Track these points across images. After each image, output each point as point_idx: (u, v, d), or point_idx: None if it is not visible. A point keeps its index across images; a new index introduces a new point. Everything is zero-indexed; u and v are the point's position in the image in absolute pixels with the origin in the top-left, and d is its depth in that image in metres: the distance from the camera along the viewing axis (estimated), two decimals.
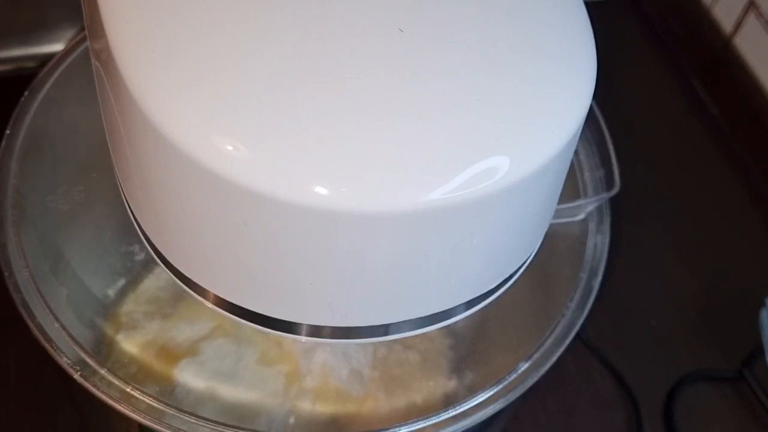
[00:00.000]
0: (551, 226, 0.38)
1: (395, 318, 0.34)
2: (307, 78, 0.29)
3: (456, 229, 0.30)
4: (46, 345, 0.41)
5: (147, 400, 0.40)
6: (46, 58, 0.51)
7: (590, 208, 0.48)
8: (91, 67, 0.36)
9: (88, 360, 0.41)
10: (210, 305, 0.34)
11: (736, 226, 0.66)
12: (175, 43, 0.30)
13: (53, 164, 0.49)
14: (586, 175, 0.50)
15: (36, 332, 0.41)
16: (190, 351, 0.52)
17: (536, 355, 0.43)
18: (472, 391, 0.43)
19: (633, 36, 0.77)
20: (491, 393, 0.42)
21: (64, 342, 0.41)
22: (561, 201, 0.37)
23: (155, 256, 0.35)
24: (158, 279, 0.54)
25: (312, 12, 0.31)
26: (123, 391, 0.40)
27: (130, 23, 0.30)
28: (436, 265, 0.32)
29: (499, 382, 0.43)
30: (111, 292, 0.53)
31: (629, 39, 0.77)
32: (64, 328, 0.42)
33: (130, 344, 0.51)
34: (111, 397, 0.40)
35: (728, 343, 0.58)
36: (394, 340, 0.35)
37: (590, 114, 0.34)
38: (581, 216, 0.48)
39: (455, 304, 0.35)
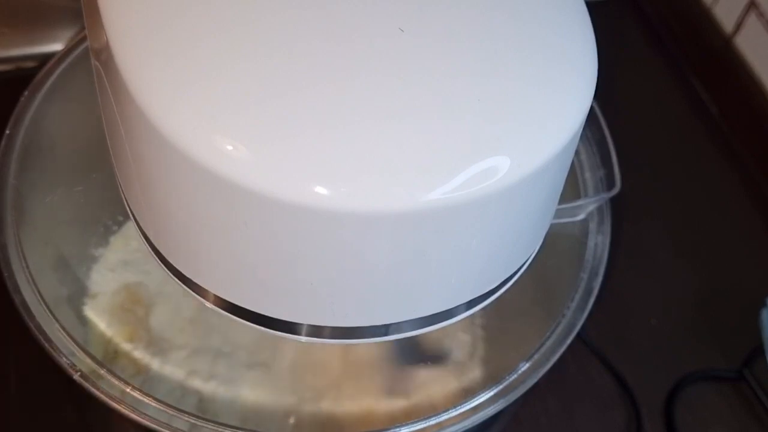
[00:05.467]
0: (551, 226, 0.38)
1: (395, 318, 0.34)
2: (308, 78, 0.29)
3: (456, 229, 0.30)
4: (46, 345, 0.41)
5: (147, 401, 0.40)
6: (46, 58, 0.50)
7: (590, 208, 0.48)
8: (91, 67, 0.36)
9: (88, 360, 0.41)
10: (210, 305, 0.34)
11: (736, 226, 0.65)
12: (175, 44, 0.30)
13: (53, 164, 0.49)
14: (587, 175, 0.50)
15: (36, 332, 0.41)
16: (192, 351, 0.52)
17: (536, 355, 0.43)
18: (472, 392, 0.43)
19: (633, 36, 0.77)
20: (491, 393, 0.42)
21: (64, 342, 0.41)
22: (561, 201, 0.37)
23: (155, 257, 0.35)
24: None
25: (312, 12, 0.31)
26: (123, 391, 0.40)
27: (130, 23, 0.30)
28: (436, 265, 0.32)
29: (499, 382, 0.43)
30: (111, 293, 0.53)
31: (629, 39, 0.76)
32: (64, 328, 0.42)
33: (128, 344, 0.51)
34: (111, 397, 0.40)
35: (728, 343, 0.58)
36: (393, 341, 0.35)
37: (591, 114, 0.34)
38: (581, 216, 0.48)
39: (455, 304, 0.35)
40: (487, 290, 0.35)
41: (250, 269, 0.32)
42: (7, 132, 0.47)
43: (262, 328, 0.34)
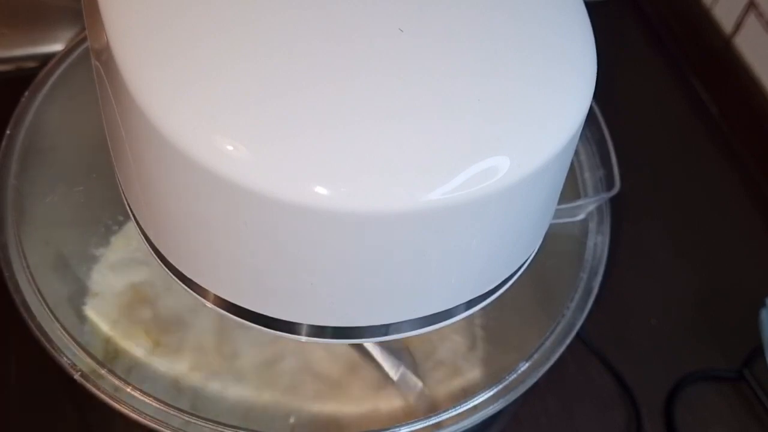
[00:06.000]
0: (551, 226, 0.38)
1: (395, 318, 0.34)
2: (307, 78, 0.29)
3: (456, 229, 0.30)
4: (46, 345, 0.41)
5: (147, 400, 0.40)
6: (46, 58, 0.51)
7: (590, 208, 0.48)
8: (91, 67, 0.36)
9: (88, 360, 0.41)
10: (210, 305, 0.34)
11: (736, 226, 0.65)
12: (175, 44, 0.30)
13: (53, 164, 0.49)
14: (586, 175, 0.50)
15: (36, 332, 0.41)
16: (192, 351, 0.52)
17: (536, 355, 0.43)
18: (472, 392, 0.43)
19: (633, 36, 0.77)
20: (491, 393, 0.42)
21: (64, 342, 0.41)
22: (561, 201, 0.37)
23: (155, 256, 0.35)
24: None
25: (312, 12, 0.31)
26: (123, 391, 0.40)
27: (130, 23, 0.30)
28: (436, 265, 0.32)
29: (499, 382, 0.43)
30: (111, 293, 0.53)
31: (629, 39, 0.76)
32: (64, 328, 0.42)
33: (129, 344, 0.51)
34: (111, 397, 0.40)
35: (728, 343, 0.58)
36: (393, 341, 0.35)
37: (590, 114, 0.34)
38: (581, 216, 0.48)
39: (455, 304, 0.35)
40: (487, 290, 0.35)
41: (250, 269, 0.32)
42: (8, 132, 0.47)
43: (262, 328, 0.34)
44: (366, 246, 0.30)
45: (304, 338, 0.34)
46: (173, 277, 0.35)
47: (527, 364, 0.43)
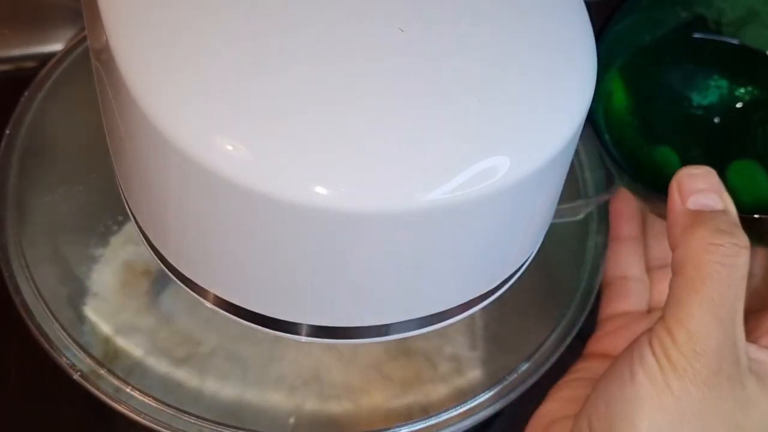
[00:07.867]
0: (551, 226, 0.38)
1: (395, 318, 0.34)
2: (308, 78, 0.29)
3: (455, 229, 0.30)
4: (46, 345, 0.41)
5: (147, 400, 0.40)
6: (46, 58, 0.50)
7: (590, 208, 0.48)
8: (91, 67, 0.36)
9: (88, 360, 0.41)
10: (209, 305, 0.34)
11: None
12: (176, 44, 0.30)
13: (53, 164, 0.49)
14: (587, 175, 0.50)
15: (36, 332, 0.41)
16: (191, 350, 0.52)
17: (536, 355, 0.43)
18: (472, 392, 0.43)
19: None
20: (491, 393, 0.42)
21: (64, 342, 0.41)
22: (561, 201, 0.37)
23: (154, 256, 0.35)
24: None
25: (312, 12, 0.31)
26: (123, 391, 0.40)
27: (130, 23, 0.30)
28: (436, 264, 0.32)
29: (499, 382, 0.43)
30: (112, 293, 0.53)
31: None
32: (64, 328, 0.42)
33: (129, 344, 0.52)
34: (111, 397, 0.40)
35: None
36: (393, 341, 0.35)
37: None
38: (581, 216, 0.48)
39: (455, 304, 0.35)
40: (487, 290, 0.35)
41: (250, 269, 0.32)
42: (8, 132, 0.47)
43: (262, 328, 0.34)
44: (366, 246, 0.30)
45: (304, 338, 0.34)
46: (173, 276, 0.35)
47: (527, 364, 0.43)
